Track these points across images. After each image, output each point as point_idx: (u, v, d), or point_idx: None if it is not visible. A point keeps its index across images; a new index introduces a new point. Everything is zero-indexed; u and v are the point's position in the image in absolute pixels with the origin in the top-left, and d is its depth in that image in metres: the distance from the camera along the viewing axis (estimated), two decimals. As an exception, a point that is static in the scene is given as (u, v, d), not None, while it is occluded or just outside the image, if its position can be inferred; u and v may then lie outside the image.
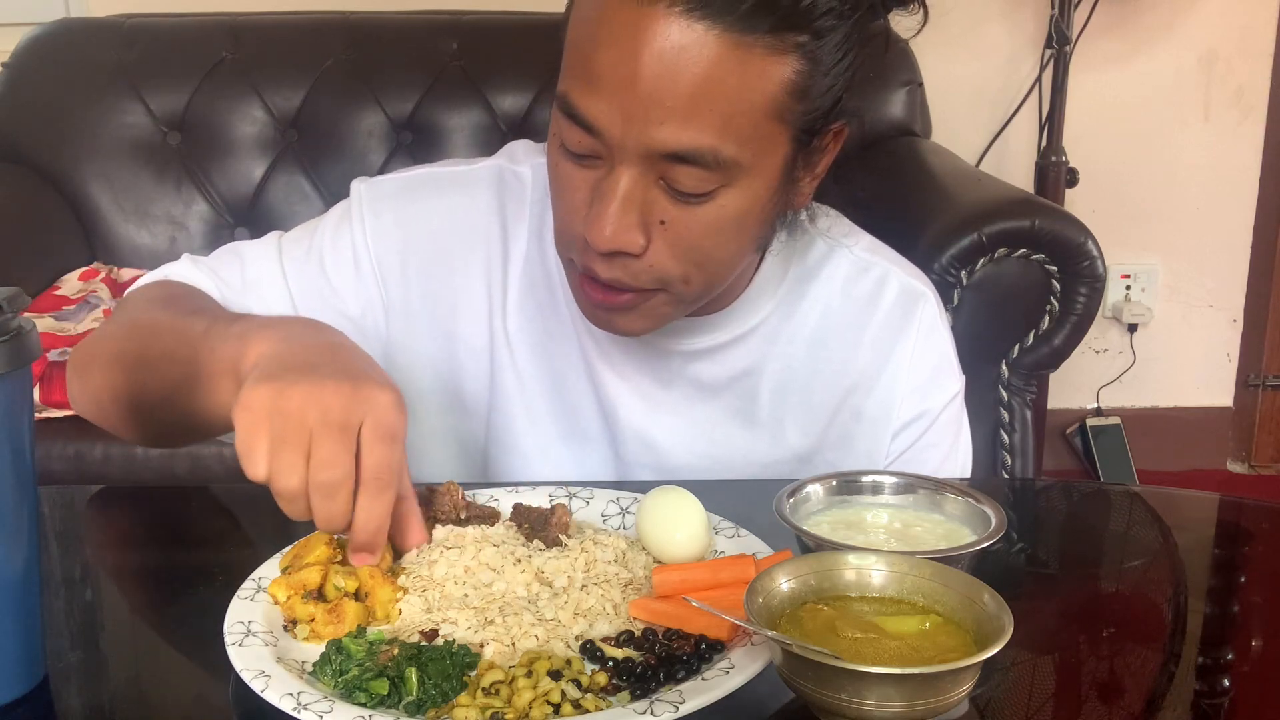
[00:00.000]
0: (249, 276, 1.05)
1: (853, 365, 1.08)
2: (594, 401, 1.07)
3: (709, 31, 0.81)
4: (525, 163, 1.09)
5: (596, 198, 0.88)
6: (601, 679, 0.72)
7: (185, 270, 1.05)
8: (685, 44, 0.82)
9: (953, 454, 1.12)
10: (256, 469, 0.74)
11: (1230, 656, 0.84)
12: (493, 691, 0.70)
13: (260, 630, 0.75)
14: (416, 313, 1.06)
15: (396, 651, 0.72)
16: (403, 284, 1.05)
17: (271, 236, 1.09)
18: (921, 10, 0.92)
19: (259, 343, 0.82)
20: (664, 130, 0.84)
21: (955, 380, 1.11)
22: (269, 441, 0.74)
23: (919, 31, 0.92)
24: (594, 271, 0.91)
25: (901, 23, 0.92)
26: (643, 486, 0.92)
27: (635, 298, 0.92)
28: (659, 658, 0.74)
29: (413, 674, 0.71)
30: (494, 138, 2.43)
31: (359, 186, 1.08)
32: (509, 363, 1.07)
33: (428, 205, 1.07)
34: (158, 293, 1.02)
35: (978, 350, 2.02)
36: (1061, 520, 1.11)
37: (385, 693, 0.69)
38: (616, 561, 0.84)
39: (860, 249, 1.10)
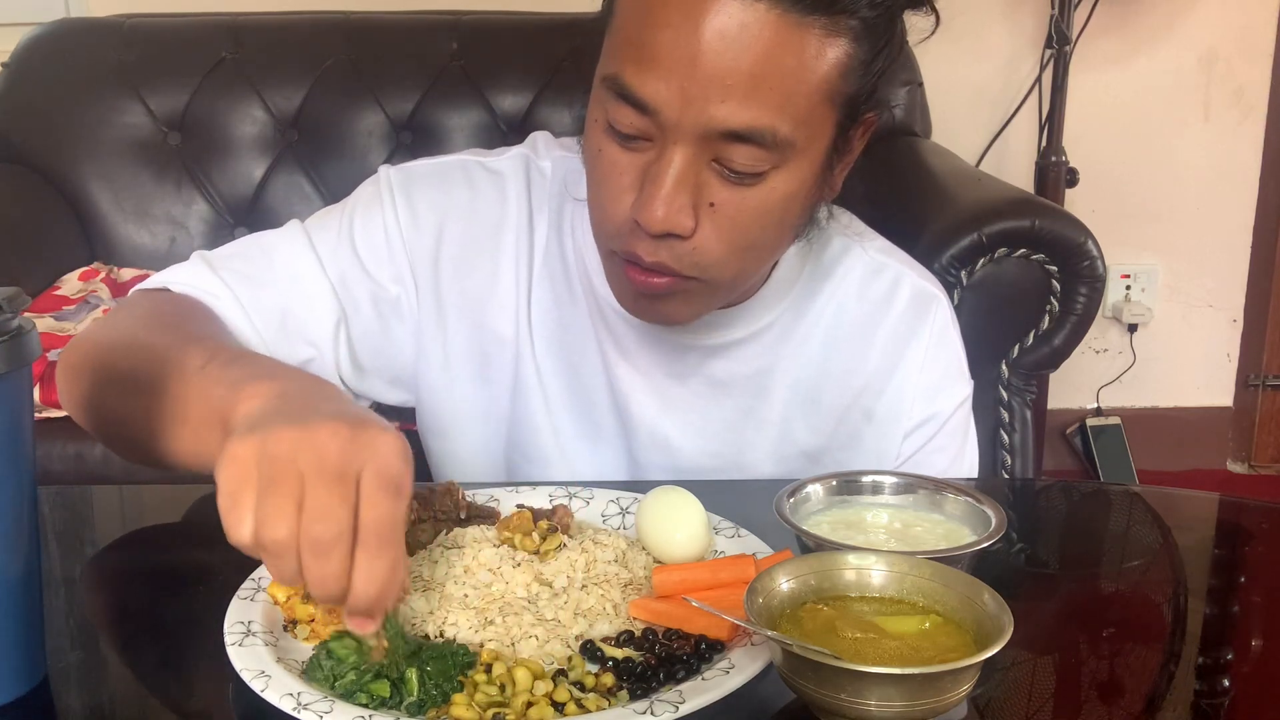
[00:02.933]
0: (279, 266, 1.02)
1: (864, 366, 1.08)
2: (608, 396, 1.07)
3: (770, 11, 0.82)
4: (546, 156, 1.09)
5: (648, 179, 0.88)
6: (608, 680, 0.72)
7: (195, 276, 1.00)
8: (747, 22, 0.82)
9: (959, 458, 1.12)
10: (241, 527, 0.64)
11: (1230, 656, 0.84)
12: (493, 691, 0.70)
13: (260, 630, 0.75)
14: (446, 301, 1.06)
15: (387, 644, 0.72)
16: (433, 271, 1.06)
17: (293, 225, 1.07)
18: (933, 14, 0.93)
19: (251, 396, 0.72)
20: (724, 108, 0.84)
21: (965, 385, 1.12)
22: (255, 494, 0.64)
23: (930, 35, 0.93)
24: (638, 255, 0.91)
25: (913, 27, 0.93)
26: (644, 487, 0.92)
27: (673, 283, 0.92)
28: (659, 658, 0.74)
29: (413, 674, 0.71)
30: (494, 138, 2.43)
31: (388, 171, 1.08)
32: (530, 355, 1.07)
33: (460, 194, 1.07)
34: (162, 308, 0.97)
35: (978, 350, 2.00)
36: (1061, 520, 1.11)
37: (387, 695, 0.69)
38: (616, 561, 0.84)
39: (875, 250, 1.10)
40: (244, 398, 0.72)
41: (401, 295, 1.05)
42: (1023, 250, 1.97)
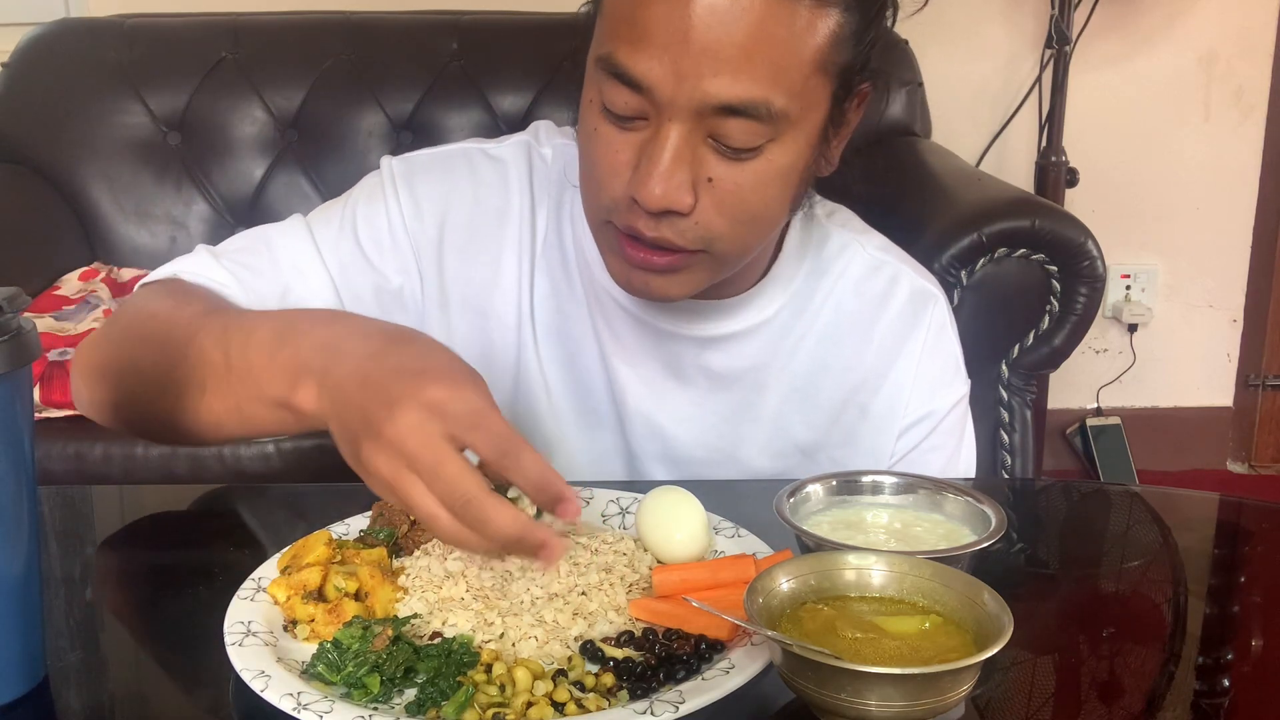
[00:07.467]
0: (280, 258, 1.03)
1: (861, 363, 1.08)
2: (605, 384, 1.08)
3: None
4: (547, 143, 1.10)
5: (645, 157, 0.88)
6: (608, 680, 0.72)
7: (201, 265, 1.01)
8: None
9: (955, 458, 1.12)
10: (415, 513, 0.71)
11: (1230, 656, 0.84)
12: (493, 691, 0.70)
13: (260, 630, 0.75)
14: (450, 289, 1.06)
15: (391, 631, 0.72)
16: (437, 259, 1.06)
17: (294, 218, 1.07)
18: None
19: (305, 381, 0.76)
20: (717, 83, 0.84)
21: (961, 384, 1.11)
22: (400, 490, 0.70)
23: (923, 6, 0.93)
24: (638, 231, 0.91)
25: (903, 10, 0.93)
26: (644, 487, 0.92)
27: (678, 259, 0.92)
28: (659, 658, 0.74)
29: (412, 675, 0.71)
30: (494, 137, 2.43)
31: (390, 162, 1.08)
32: (532, 342, 1.08)
33: (463, 182, 1.07)
34: (171, 293, 0.98)
35: (978, 350, 2.01)
36: (1061, 520, 1.11)
37: (377, 690, 0.70)
38: (617, 561, 0.84)
39: (874, 247, 1.11)
40: (299, 382, 0.76)
41: (405, 285, 1.06)
42: (1023, 250, 1.97)
